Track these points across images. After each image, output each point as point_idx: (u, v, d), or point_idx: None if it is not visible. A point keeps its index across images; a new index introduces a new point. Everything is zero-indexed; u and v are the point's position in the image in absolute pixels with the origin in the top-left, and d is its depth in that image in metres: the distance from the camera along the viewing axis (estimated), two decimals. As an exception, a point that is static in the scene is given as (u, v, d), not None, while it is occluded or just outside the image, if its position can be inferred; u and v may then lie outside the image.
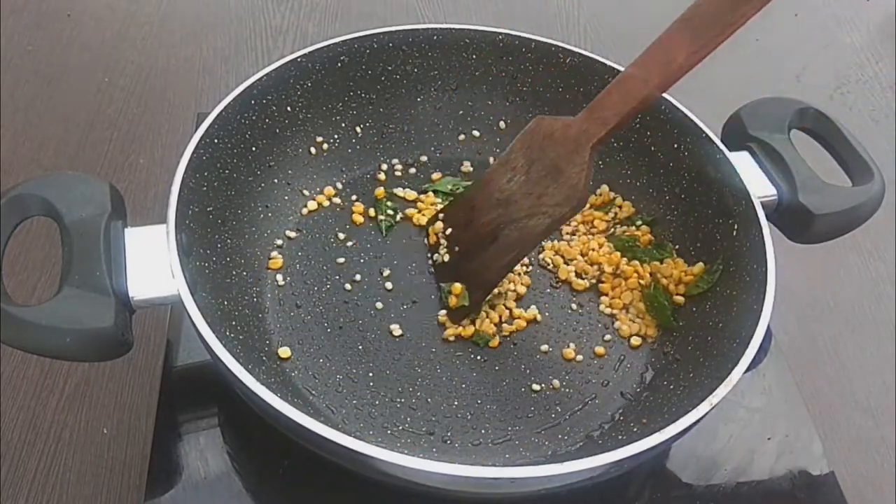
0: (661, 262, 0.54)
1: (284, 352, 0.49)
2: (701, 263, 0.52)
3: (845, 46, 1.00)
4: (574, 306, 0.54)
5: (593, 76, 0.60)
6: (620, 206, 0.59)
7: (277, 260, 0.54)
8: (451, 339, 0.51)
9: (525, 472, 0.37)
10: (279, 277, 0.53)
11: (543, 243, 0.56)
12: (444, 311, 0.52)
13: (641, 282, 0.54)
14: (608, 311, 0.53)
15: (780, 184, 0.53)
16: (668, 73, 0.44)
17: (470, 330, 0.51)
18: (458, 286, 0.51)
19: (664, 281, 0.53)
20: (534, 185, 0.49)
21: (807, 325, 0.69)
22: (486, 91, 0.62)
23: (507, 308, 0.53)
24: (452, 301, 0.52)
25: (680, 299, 0.52)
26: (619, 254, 0.55)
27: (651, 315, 0.52)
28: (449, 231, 0.55)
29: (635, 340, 0.51)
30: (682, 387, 0.46)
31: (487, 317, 0.52)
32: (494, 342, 0.51)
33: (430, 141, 0.62)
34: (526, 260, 0.55)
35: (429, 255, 0.55)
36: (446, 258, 0.54)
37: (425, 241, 0.56)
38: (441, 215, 0.56)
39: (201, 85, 0.84)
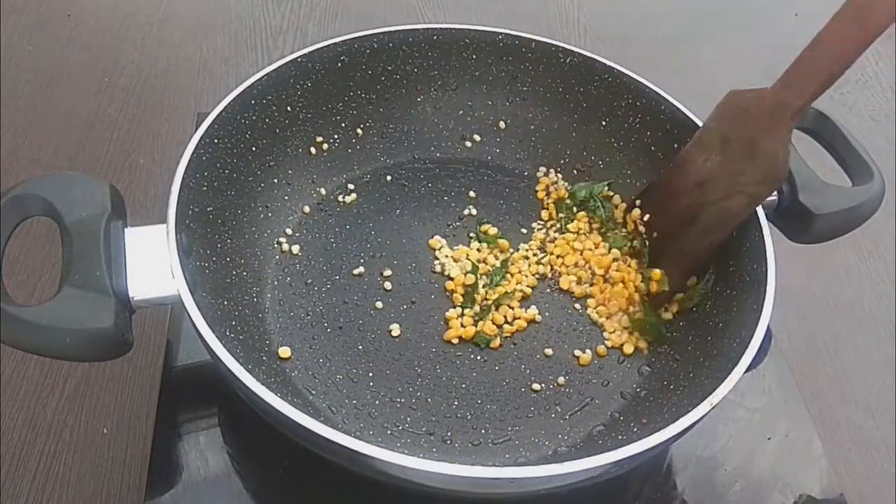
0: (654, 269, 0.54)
1: (284, 352, 0.49)
2: (693, 277, 0.52)
3: (845, 46, 1.00)
4: (577, 306, 0.54)
5: (593, 77, 0.60)
6: (616, 206, 0.59)
7: (278, 260, 0.54)
8: (454, 340, 0.51)
9: (525, 472, 0.37)
10: (279, 277, 0.53)
11: (548, 241, 0.56)
12: (452, 311, 0.52)
13: (629, 292, 0.53)
14: (597, 318, 0.53)
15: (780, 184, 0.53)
16: (866, 30, 0.42)
17: (471, 331, 0.51)
18: (657, 272, 0.51)
19: (654, 287, 0.52)
20: (731, 164, 0.48)
21: (807, 325, 0.69)
22: (486, 91, 0.62)
23: (510, 308, 0.53)
24: (653, 287, 0.51)
25: (669, 316, 0.52)
26: (610, 257, 0.55)
27: (640, 333, 0.52)
28: (647, 217, 0.54)
29: (627, 348, 0.51)
30: (682, 387, 0.46)
31: (491, 318, 0.52)
32: (495, 343, 0.51)
33: (430, 141, 0.62)
34: (535, 261, 0.55)
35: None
36: (637, 240, 0.54)
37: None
38: (638, 202, 0.56)
39: (201, 85, 0.84)
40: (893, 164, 0.78)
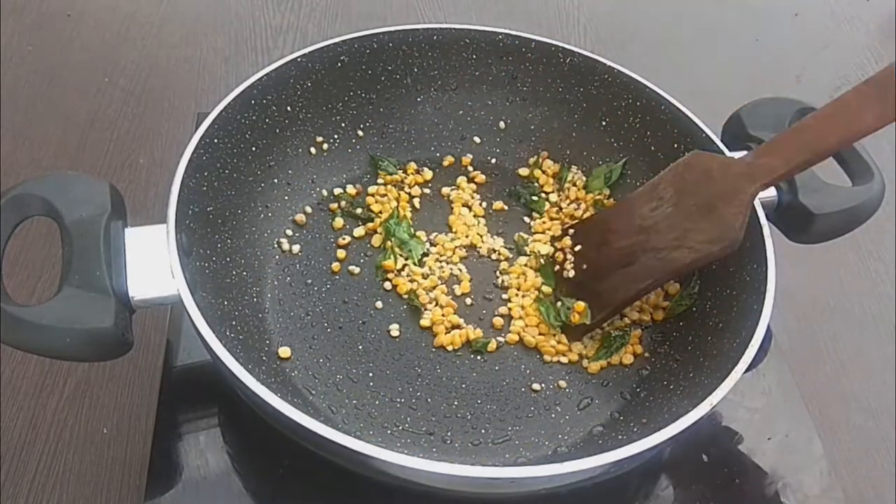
0: None
1: (284, 352, 0.49)
2: (676, 284, 0.52)
3: (845, 46, 1.00)
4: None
5: (593, 76, 0.60)
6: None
7: (278, 260, 0.54)
8: (448, 348, 0.50)
9: (525, 472, 0.37)
10: (279, 277, 0.53)
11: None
12: (425, 317, 0.51)
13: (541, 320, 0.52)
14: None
15: (781, 184, 0.53)
16: (850, 132, 0.43)
17: (458, 338, 0.50)
18: (581, 304, 0.51)
19: (575, 319, 0.52)
20: (682, 219, 0.48)
21: (807, 325, 0.69)
22: (486, 91, 0.62)
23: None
24: (575, 318, 0.51)
25: (629, 359, 0.51)
26: (536, 282, 0.54)
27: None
28: (578, 248, 0.54)
29: (626, 359, 0.51)
30: (682, 387, 0.46)
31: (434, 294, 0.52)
32: (492, 346, 0.51)
33: (430, 141, 0.62)
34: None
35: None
36: (571, 274, 0.53)
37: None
38: (571, 231, 0.56)
39: (201, 85, 0.84)
40: (893, 164, 0.78)
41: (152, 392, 0.57)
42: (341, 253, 0.55)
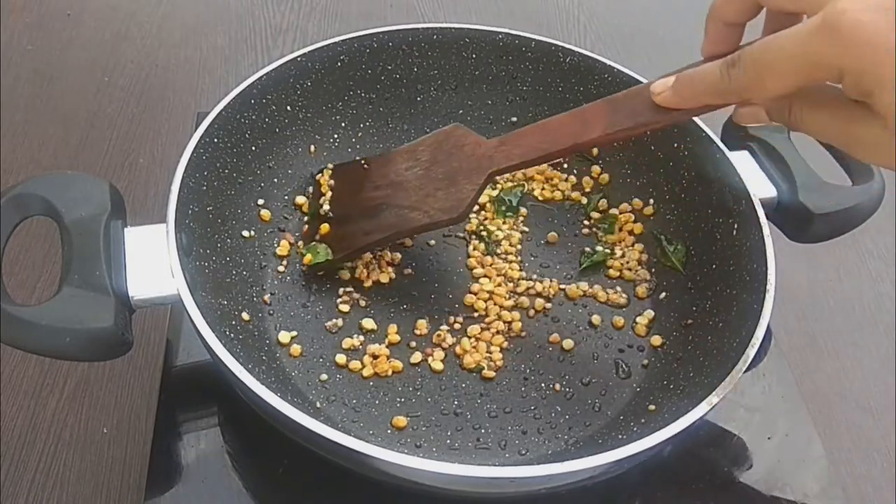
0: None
1: (284, 351, 0.49)
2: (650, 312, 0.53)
3: (845, 46, 1.00)
4: (582, 303, 0.54)
5: (593, 76, 0.60)
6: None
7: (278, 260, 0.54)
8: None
9: (525, 472, 0.37)
10: (279, 277, 0.53)
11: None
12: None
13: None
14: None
15: (780, 183, 0.53)
16: (576, 142, 0.45)
17: (439, 361, 0.49)
18: (322, 247, 0.53)
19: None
20: (427, 183, 0.50)
21: (807, 325, 0.69)
22: (486, 91, 0.62)
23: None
24: (307, 258, 0.52)
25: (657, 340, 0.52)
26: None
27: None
28: (333, 184, 0.56)
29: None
30: (682, 386, 0.46)
31: (475, 349, 0.50)
32: (489, 374, 0.49)
33: (430, 141, 0.62)
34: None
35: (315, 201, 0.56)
36: (326, 207, 0.55)
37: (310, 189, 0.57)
38: (331, 167, 0.57)
39: (201, 84, 0.84)
40: (893, 164, 0.78)
41: (152, 392, 0.57)
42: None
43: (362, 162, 0.56)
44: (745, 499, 0.47)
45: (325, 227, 0.53)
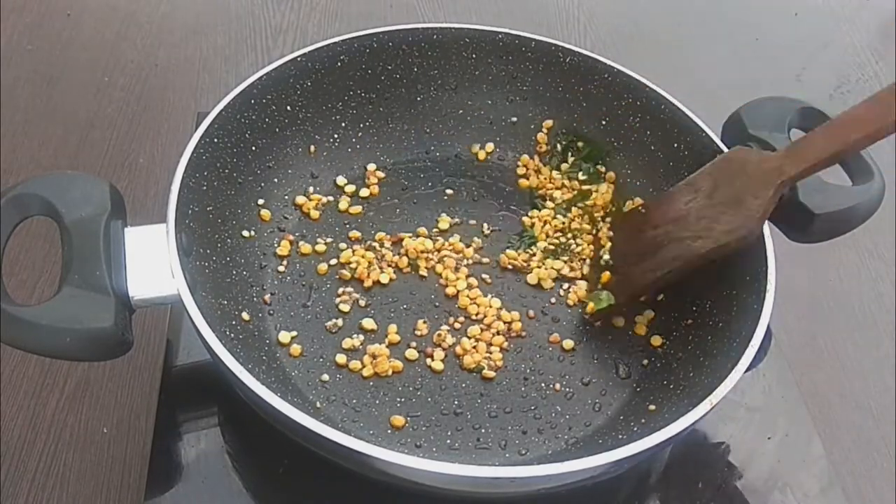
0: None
1: (284, 351, 0.49)
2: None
3: (845, 46, 1.00)
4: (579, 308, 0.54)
5: (593, 76, 0.60)
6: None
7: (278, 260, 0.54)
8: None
9: (525, 472, 0.37)
10: (279, 277, 0.53)
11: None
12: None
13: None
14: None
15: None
16: (880, 126, 0.44)
17: (439, 361, 0.49)
18: (605, 293, 0.52)
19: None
20: (710, 210, 0.49)
21: (807, 325, 0.69)
22: (486, 91, 0.62)
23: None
24: (590, 307, 0.52)
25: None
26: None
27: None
28: (612, 234, 0.56)
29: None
30: (682, 387, 0.46)
31: (475, 349, 0.50)
32: (489, 374, 0.49)
33: (429, 141, 0.62)
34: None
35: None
36: (605, 257, 0.55)
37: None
38: (609, 220, 0.58)
39: (201, 84, 0.84)
40: (893, 164, 0.78)
41: (152, 392, 0.57)
42: (341, 253, 0.55)
43: (640, 207, 0.56)
44: (745, 499, 0.47)
45: (605, 276, 0.53)
